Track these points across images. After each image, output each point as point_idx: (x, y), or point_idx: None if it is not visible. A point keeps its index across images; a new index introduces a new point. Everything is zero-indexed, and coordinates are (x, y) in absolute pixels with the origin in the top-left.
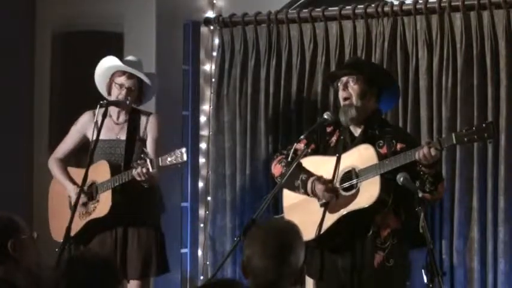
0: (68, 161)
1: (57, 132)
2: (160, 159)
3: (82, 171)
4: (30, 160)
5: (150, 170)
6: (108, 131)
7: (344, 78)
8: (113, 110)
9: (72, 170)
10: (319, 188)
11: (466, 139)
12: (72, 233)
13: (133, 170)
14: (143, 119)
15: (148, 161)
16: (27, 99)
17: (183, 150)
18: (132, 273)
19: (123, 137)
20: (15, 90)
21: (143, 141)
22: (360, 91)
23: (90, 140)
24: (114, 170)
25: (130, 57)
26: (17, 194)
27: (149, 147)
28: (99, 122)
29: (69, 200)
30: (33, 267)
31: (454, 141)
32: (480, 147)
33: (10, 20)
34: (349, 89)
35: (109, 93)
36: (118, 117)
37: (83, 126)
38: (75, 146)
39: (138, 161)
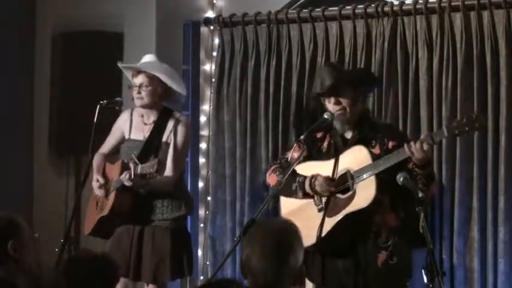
0: (110, 157)
1: (57, 132)
2: (140, 166)
3: (112, 166)
4: (30, 160)
5: (132, 176)
6: (137, 130)
7: (332, 98)
8: (144, 110)
9: (108, 165)
10: (319, 180)
11: (457, 131)
12: (89, 228)
13: (123, 175)
14: (171, 122)
15: (133, 167)
16: (27, 99)
17: (156, 161)
18: (146, 276)
19: None
20: (15, 90)
21: (167, 145)
22: (351, 100)
23: (126, 138)
24: (124, 170)
25: (145, 56)
26: (17, 194)
27: (169, 153)
28: (95, 123)
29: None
30: (33, 268)
31: (446, 134)
32: (480, 146)
33: (10, 20)
34: (342, 103)
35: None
36: (149, 118)
37: (121, 124)
38: (117, 143)
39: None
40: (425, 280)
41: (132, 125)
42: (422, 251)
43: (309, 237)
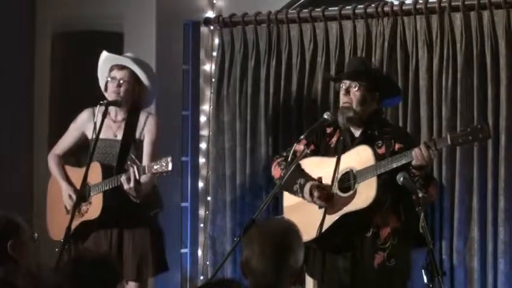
0: (66, 159)
1: (57, 132)
2: (146, 166)
3: (79, 170)
4: (30, 160)
5: (137, 177)
6: (106, 129)
7: (346, 82)
8: (111, 108)
9: (70, 169)
10: (316, 195)
11: (460, 140)
12: (61, 234)
13: (122, 176)
14: (141, 119)
15: (135, 167)
16: (27, 99)
17: (169, 159)
18: (128, 275)
19: (120, 136)
20: (15, 90)
21: (140, 142)
22: (361, 98)
23: (89, 138)
24: (106, 171)
25: (127, 54)
26: (17, 194)
27: (145, 150)
28: (99, 122)
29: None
30: (33, 268)
31: (449, 142)
32: (480, 147)
33: (10, 20)
34: (350, 95)
35: (105, 90)
36: (116, 115)
37: (82, 124)
38: (74, 144)
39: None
40: (425, 280)
41: (97, 124)
42: (422, 251)
43: (308, 233)
